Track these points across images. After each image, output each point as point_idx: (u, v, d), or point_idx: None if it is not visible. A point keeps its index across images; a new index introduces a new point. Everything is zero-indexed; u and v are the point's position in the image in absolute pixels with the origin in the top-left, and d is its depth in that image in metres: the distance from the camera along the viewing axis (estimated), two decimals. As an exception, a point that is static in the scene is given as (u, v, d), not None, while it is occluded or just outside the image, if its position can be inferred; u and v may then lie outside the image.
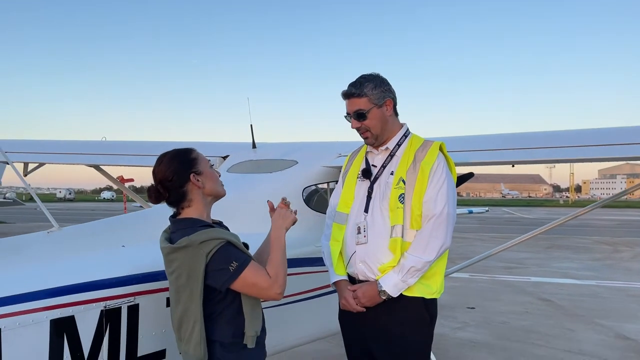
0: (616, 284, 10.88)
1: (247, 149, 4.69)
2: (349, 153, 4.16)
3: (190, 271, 2.18)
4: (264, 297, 2.26)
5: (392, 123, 2.77)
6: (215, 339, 2.24)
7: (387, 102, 2.72)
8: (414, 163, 2.64)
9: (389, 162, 2.74)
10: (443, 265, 2.71)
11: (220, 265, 2.16)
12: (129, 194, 6.43)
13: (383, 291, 2.57)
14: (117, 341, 2.43)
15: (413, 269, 2.55)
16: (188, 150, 2.40)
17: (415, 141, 2.76)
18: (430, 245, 2.55)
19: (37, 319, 2.17)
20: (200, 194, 2.34)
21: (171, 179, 2.30)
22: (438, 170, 2.62)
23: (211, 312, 2.24)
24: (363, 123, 2.71)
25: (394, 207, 2.61)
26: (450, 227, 2.60)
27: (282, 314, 3.24)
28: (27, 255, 2.55)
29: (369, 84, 2.69)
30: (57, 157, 5.58)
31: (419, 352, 2.71)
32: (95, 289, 2.36)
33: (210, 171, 2.39)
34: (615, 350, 6.27)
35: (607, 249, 17.70)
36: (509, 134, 4.38)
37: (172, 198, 2.33)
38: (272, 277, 2.22)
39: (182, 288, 2.22)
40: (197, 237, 2.17)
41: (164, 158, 2.37)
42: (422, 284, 2.61)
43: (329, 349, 6.04)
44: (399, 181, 2.64)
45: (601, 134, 3.87)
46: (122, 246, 2.83)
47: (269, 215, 3.55)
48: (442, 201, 2.58)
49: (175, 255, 2.22)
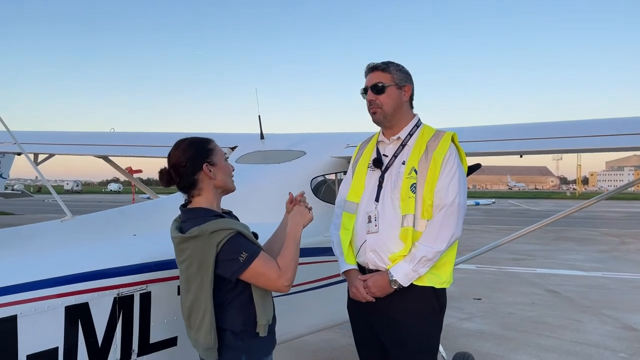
0: (623, 276, 10.87)
1: (255, 139, 4.71)
2: (356, 144, 4.19)
3: (201, 261, 2.20)
4: (271, 288, 2.27)
5: (406, 111, 2.79)
6: (226, 327, 2.27)
7: (407, 87, 2.75)
8: (426, 153, 2.65)
9: (401, 152, 2.75)
10: (453, 255, 2.72)
11: (230, 255, 2.18)
12: (137, 185, 6.47)
13: (394, 281, 2.58)
14: (129, 328, 2.47)
15: (424, 258, 2.56)
16: (206, 140, 2.42)
17: (427, 131, 2.76)
18: (441, 235, 2.56)
19: (53, 306, 2.20)
20: (211, 185, 2.36)
21: (184, 164, 2.32)
22: (450, 160, 2.63)
23: (222, 301, 2.26)
24: (378, 97, 2.72)
25: (406, 196, 2.61)
26: (461, 217, 2.61)
27: (290, 303, 3.26)
28: (41, 243, 2.59)
29: (395, 66, 2.76)
30: (66, 148, 5.62)
31: (428, 341, 2.72)
32: (109, 276, 2.40)
33: (224, 164, 2.41)
34: (622, 341, 6.28)
35: (613, 240, 17.65)
36: (517, 124, 4.38)
37: (183, 184, 2.36)
38: (281, 268, 2.25)
39: (192, 277, 2.24)
40: (208, 227, 2.20)
41: (181, 144, 2.39)
42: (432, 273, 2.62)
43: (335, 339, 6.09)
44: (411, 171, 2.64)
45: (611, 124, 3.86)
46: (133, 235, 2.86)
47: (277, 206, 3.57)
48: (454, 191, 2.58)
49: (186, 245, 2.25)
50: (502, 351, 5.81)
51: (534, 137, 3.78)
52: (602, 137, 3.48)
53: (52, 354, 2.21)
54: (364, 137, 4.31)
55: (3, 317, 2.06)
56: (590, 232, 20.02)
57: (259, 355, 2.31)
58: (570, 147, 3.55)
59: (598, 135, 3.51)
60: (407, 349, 2.67)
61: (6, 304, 2.07)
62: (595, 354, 5.78)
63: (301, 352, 5.56)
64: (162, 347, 2.61)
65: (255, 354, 2.29)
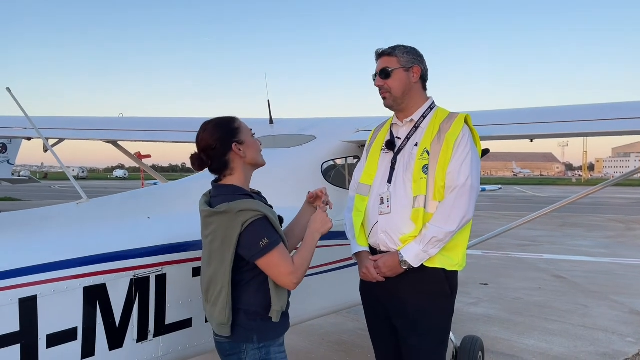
0: (630, 261, 10.88)
1: (265, 124, 4.71)
2: (367, 128, 4.19)
3: (225, 237, 2.22)
4: (280, 281, 2.27)
5: (417, 93, 2.77)
6: (241, 306, 2.29)
7: (415, 68, 2.73)
8: (439, 134, 2.65)
9: (414, 134, 2.75)
10: (465, 238, 2.73)
11: (252, 237, 2.20)
12: (146, 170, 6.49)
13: (404, 261, 2.59)
14: (146, 309, 2.50)
15: (435, 239, 2.56)
16: (231, 119, 2.42)
17: (441, 113, 2.75)
18: (452, 216, 2.57)
19: (71, 286, 2.23)
20: (242, 163, 2.37)
21: (214, 147, 2.33)
22: (463, 141, 2.62)
23: (239, 280, 2.28)
24: (386, 82, 2.72)
25: (418, 177, 2.62)
26: (473, 198, 2.61)
27: (302, 286, 3.29)
28: (58, 225, 2.61)
29: (402, 48, 2.75)
30: (76, 132, 5.64)
31: (439, 324, 2.74)
32: (126, 258, 2.42)
33: (252, 140, 2.41)
34: (630, 326, 6.30)
35: (620, 226, 17.64)
36: (530, 108, 4.35)
37: (215, 166, 2.37)
38: (295, 265, 2.27)
39: (214, 252, 2.27)
40: (237, 205, 2.21)
41: (207, 126, 2.39)
42: (443, 255, 2.63)
43: (344, 322, 6.14)
44: (423, 152, 2.65)
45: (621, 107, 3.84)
46: (147, 218, 2.88)
47: (288, 190, 3.59)
48: (466, 172, 2.58)
49: (212, 219, 2.27)
50: (509, 335, 5.84)
51: (547, 120, 3.77)
52: (618, 121, 3.45)
53: (71, 334, 2.24)
54: (373, 121, 4.32)
55: (24, 297, 2.09)
56: (596, 218, 19.99)
57: (270, 337, 2.33)
58: (583, 130, 3.53)
59: (614, 119, 3.49)
60: (417, 331, 2.69)
61: (27, 284, 2.10)
62: (603, 339, 5.81)
63: (310, 336, 5.61)
64: (177, 328, 2.65)
65: (266, 335, 2.31)
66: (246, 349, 2.30)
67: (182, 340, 2.68)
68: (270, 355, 2.32)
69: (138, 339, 2.48)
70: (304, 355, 5.13)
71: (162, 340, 2.58)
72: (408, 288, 2.67)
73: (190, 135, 5.07)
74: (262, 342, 2.30)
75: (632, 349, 5.47)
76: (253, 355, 2.30)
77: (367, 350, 5.19)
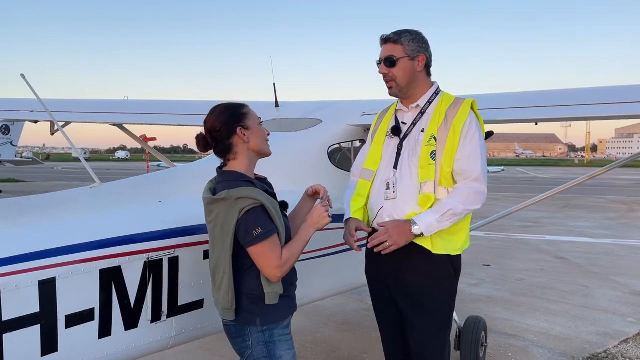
0: (631, 242, 10.96)
1: (271, 108, 4.73)
2: (373, 112, 4.20)
3: (224, 224, 2.28)
4: (265, 272, 2.30)
5: (422, 80, 2.78)
6: (243, 290, 2.35)
7: (420, 57, 2.73)
8: (446, 120, 2.66)
9: (420, 120, 2.76)
10: (467, 222, 2.78)
11: (247, 225, 2.24)
12: (152, 152, 6.53)
13: (416, 228, 2.58)
14: (159, 291, 2.56)
15: (451, 212, 2.58)
16: (240, 105, 2.47)
17: (446, 99, 2.76)
18: (470, 198, 2.61)
19: (88, 269, 2.29)
20: (246, 149, 2.40)
21: (219, 129, 2.37)
22: (471, 128, 2.65)
23: (242, 265, 2.34)
24: (391, 70, 2.72)
25: (425, 163, 2.64)
26: (485, 183, 2.65)
27: (307, 268, 3.34)
28: (74, 209, 2.67)
29: (408, 35, 2.72)
30: (82, 116, 5.67)
31: (443, 305, 2.79)
32: (139, 241, 2.47)
33: (258, 128, 2.45)
34: (630, 306, 6.39)
35: (622, 208, 17.69)
36: (533, 91, 4.37)
37: (219, 149, 2.41)
38: (283, 259, 2.30)
39: (216, 238, 2.33)
40: (236, 192, 2.26)
41: (216, 109, 2.44)
42: (445, 239, 2.67)
43: (348, 303, 6.24)
44: (431, 138, 2.66)
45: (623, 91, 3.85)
46: (158, 201, 2.94)
47: (294, 174, 3.63)
48: (477, 159, 2.62)
49: (213, 206, 2.32)
50: (511, 315, 5.94)
51: (551, 104, 3.79)
52: (625, 104, 3.47)
53: (88, 315, 2.31)
54: (380, 104, 4.33)
55: (44, 279, 2.15)
56: (598, 199, 20.03)
57: (273, 320, 2.38)
58: (590, 114, 3.56)
59: (621, 102, 3.50)
60: (422, 312, 2.74)
61: (46, 267, 2.15)
62: (604, 319, 5.89)
63: (315, 316, 5.71)
64: (189, 309, 2.71)
65: (270, 318, 2.36)
66: (250, 332, 2.37)
67: (194, 321, 2.75)
68: (275, 337, 2.38)
69: (152, 319, 2.55)
70: (309, 334, 5.23)
71: (175, 320, 2.65)
72: (412, 270, 2.71)
73: (195, 119, 5.16)
74: (265, 325, 2.36)
75: (633, 329, 5.56)
76: (257, 337, 2.37)
77: (371, 330, 5.31)
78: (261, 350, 2.37)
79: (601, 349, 5.02)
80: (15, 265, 2.09)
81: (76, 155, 33.85)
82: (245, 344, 2.39)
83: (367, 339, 5.13)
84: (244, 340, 2.40)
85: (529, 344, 5.12)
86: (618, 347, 5.06)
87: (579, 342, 5.17)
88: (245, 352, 2.41)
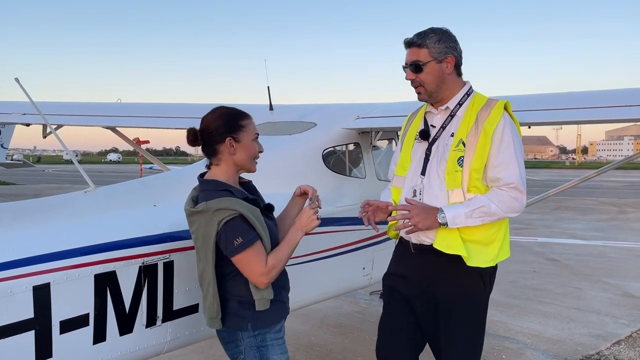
0: (622, 244, 11.03)
1: (264, 110, 4.72)
2: (367, 115, 4.20)
3: (204, 235, 2.28)
4: (251, 279, 2.28)
5: (452, 82, 2.59)
6: (233, 296, 2.35)
7: (449, 58, 2.54)
8: (476, 124, 2.48)
9: (449, 123, 2.59)
10: (502, 232, 2.60)
11: (227, 235, 2.23)
12: (145, 155, 6.51)
13: (442, 216, 2.43)
14: (154, 295, 2.56)
15: (483, 209, 2.43)
16: (241, 115, 2.43)
17: (478, 100, 2.57)
18: (506, 203, 2.46)
19: (83, 274, 2.28)
20: (231, 159, 2.38)
21: (210, 132, 2.36)
22: (505, 132, 2.47)
23: (229, 272, 2.33)
24: (418, 76, 2.55)
25: (452, 170, 2.49)
26: (525, 191, 2.51)
27: (301, 272, 3.35)
28: (69, 213, 2.66)
29: (433, 36, 2.53)
30: (75, 118, 5.64)
31: (469, 320, 2.61)
32: (134, 246, 2.47)
33: (249, 144, 2.40)
34: (622, 308, 6.43)
35: (613, 210, 17.81)
36: (526, 95, 4.38)
37: (205, 149, 2.41)
38: (268, 266, 2.27)
39: (199, 249, 2.34)
40: (214, 204, 2.24)
41: (216, 110, 2.42)
42: (478, 251, 2.51)
43: (342, 306, 6.23)
44: (459, 143, 2.50)
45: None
46: (153, 206, 2.92)
47: (289, 177, 3.62)
48: (515, 166, 2.48)
49: (193, 218, 2.32)
50: (505, 318, 5.96)
51: (545, 108, 3.80)
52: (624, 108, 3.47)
53: (83, 320, 2.30)
54: (374, 108, 4.35)
55: (38, 284, 2.14)
56: (589, 201, 20.15)
57: (265, 324, 2.37)
58: (582, 118, 3.56)
59: (622, 106, 3.50)
60: (457, 319, 2.58)
61: (40, 272, 2.14)
62: (596, 321, 5.93)
63: (309, 319, 5.70)
64: (184, 314, 2.70)
65: (262, 322, 2.35)
66: (242, 337, 2.36)
67: (189, 325, 2.74)
68: (267, 342, 2.37)
69: (147, 324, 2.54)
70: (303, 337, 5.22)
71: (170, 325, 2.64)
72: (440, 281, 2.57)
73: (189, 122, 5.12)
74: (257, 330, 2.35)
75: (625, 331, 5.59)
76: (249, 342, 2.36)
77: (365, 333, 5.32)
78: (253, 355, 2.37)
79: (594, 350, 5.05)
80: (10, 270, 2.08)
81: (67, 158, 33.74)
82: (237, 349, 2.39)
83: (360, 342, 5.13)
84: (236, 346, 2.39)
85: (523, 346, 5.14)
86: (610, 349, 5.10)
87: (572, 344, 5.20)
88: (238, 357, 2.40)
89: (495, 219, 2.48)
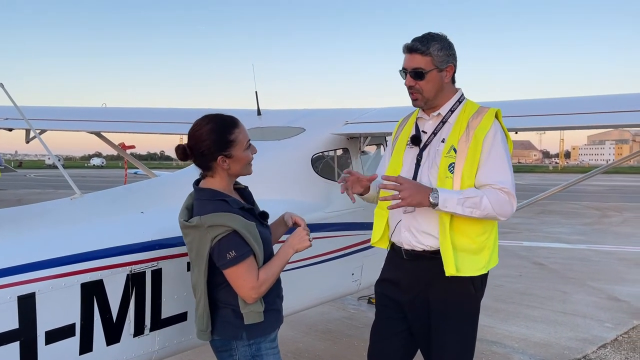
0: (606, 248, 11.16)
1: (252, 116, 4.69)
2: (355, 120, 4.20)
3: (198, 249, 2.26)
4: (240, 293, 2.26)
5: (447, 89, 2.60)
6: (228, 304, 2.32)
7: (449, 68, 2.56)
8: (467, 131, 2.49)
9: (440, 129, 2.59)
10: (492, 240, 2.59)
11: (220, 250, 2.21)
12: (130, 161, 6.44)
13: (434, 196, 2.38)
14: (142, 304, 2.51)
15: (475, 199, 2.40)
16: (230, 126, 2.33)
17: (470, 107, 2.59)
18: (499, 202, 2.43)
19: (69, 283, 2.23)
20: (225, 172, 2.35)
21: (201, 150, 2.30)
22: (495, 139, 2.48)
23: (223, 280, 2.30)
24: (418, 83, 2.54)
25: (443, 176, 2.49)
26: (515, 197, 2.48)
27: (290, 278, 3.32)
28: (54, 221, 2.60)
29: (436, 44, 2.51)
30: (59, 123, 5.54)
31: (461, 326, 2.61)
32: (122, 254, 2.42)
33: (242, 155, 2.35)
34: (608, 311, 6.49)
35: (596, 213, 18.03)
36: (513, 100, 4.40)
37: (197, 163, 2.38)
38: (259, 281, 2.25)
39: (193, 261, 2.33)
40: (207, 220, 2.21)
41: (204, 126, 2.31)
42: (468, 260, 2.50)
43: (330, 312, 6.21)
44: (450, 149, 2.50)
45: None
46: (140, 212, 2.88)
47: (278, 183, 3.60)
48: (506, 171, 2.48)
49: (187, 231, 2.31)
50: (492, 322, 5.97)
51: (532, 114, 3.83)
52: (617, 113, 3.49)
53: (69, 330, 2.24)
54: (363, 113, 4.35)
55: (22, 294, 2.09)
56: (573, 205, 20.37)
57: (260, 333, 2.34)
58: (567, 124, 3.59)
59: (590, 113, 3.53)
60: (448, 324, 2.58)
61: (25, 282, 2.09)
62: (582, 324, 5.98)
63: (297, 325, 5.66)
64: (173, 322, 2.66)
65: (256, 332, 2.33)
66: (236, 346, 2.34)
67: (178, 334, 2.70)
68: (262, 351, 2.35)
69: (135, 333, 2.49)
70: (291, 344, 5.18)
71: (158, 334, 2.60)
72: (428, 287, 2.58)
73: (175, 127, 5.09)
74: (252, 339, 2.33)
75: (610, 334, 5.65)
76: (243, 352, 2.33)
77: (354, 339, 5.31)
78: None
79: (580, 354, 5.09)
80: (-7, 280, 2.02)
81: (50, 162, 33.55)
82: (231, 358, 2.36)
83: (349, 348, 5.11)
84: (230, 355, 2.36)
85: (510, 350, 5.16)
86: (597, 352, 5.14)
87: (558, 348, 5.23)
88: None
89: (484, 215, 2.44)
